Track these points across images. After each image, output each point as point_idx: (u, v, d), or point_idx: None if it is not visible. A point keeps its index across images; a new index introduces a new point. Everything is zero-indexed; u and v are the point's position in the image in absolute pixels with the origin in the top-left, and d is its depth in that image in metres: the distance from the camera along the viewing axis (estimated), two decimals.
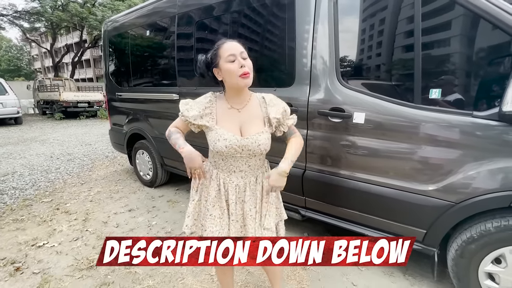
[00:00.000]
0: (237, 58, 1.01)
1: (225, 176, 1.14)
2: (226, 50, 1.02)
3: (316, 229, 2.32)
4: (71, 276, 1.81)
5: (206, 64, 1.08)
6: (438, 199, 1.40)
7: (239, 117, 1.10)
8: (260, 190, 1.17)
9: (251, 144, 1.07)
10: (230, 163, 1.11)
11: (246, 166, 1.12)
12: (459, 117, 1.31)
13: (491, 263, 1.33)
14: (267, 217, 1.18)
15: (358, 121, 1.58)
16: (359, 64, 1.72)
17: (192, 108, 1.11)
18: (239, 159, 1.10)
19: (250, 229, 1.12)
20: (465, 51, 1.36)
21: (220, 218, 1.14)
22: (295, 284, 1.70)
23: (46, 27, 16.14)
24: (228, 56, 1.01)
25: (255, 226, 1.14)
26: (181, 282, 1.73)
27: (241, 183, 1.13)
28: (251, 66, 1.05)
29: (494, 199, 1.25)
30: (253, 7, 2.03)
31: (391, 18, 1.53)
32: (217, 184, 1.14)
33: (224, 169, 1.13)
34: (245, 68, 1.01)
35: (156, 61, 3.01)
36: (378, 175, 1.58)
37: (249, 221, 1.13)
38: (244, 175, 1.14)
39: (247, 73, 1.02)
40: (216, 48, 1.05)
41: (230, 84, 1.07)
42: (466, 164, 1.32)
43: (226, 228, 1.13)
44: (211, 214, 1.14)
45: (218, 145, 1.06)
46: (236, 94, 1.10)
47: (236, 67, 1.01)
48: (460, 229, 1.41)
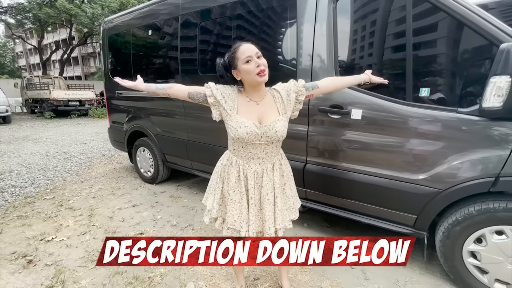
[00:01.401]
0: (253, 59, 1.12)
1: (244, 163, 1.24)
2: (242, 52, 1.13)
3: (316, 219, 2.47)
4: (84, 267, 1.88)
5: (224, 67, 1.19)
6: (427, 186, 1.56)
7: (257, 109, 1.21)
8: (277, 176, 1.28)
9: (269, 131, 1.17)
10: (249, 150, 1.22)
11: (264, 153, 1.23)
12: (446, 113, 1.47)
13: (473, 242, 1.50)
14: (287, 212, 1.31)
15: (356, 117, 1.72)
16: (356, 63, 1.86)
17: (219, 88, 1.21)
18: (258, 146, 1.20)
19: (266, 212, 1.24)
20: (451, 54, 1.52)
21: (239, 203, 1.25)
22: (299, 268, 1.83)
23: (33, 23, 15.70)
24: (245, 58, 1.12)
25: (272, 210, 1.26)
26: (191, 269, 1.84)
27: (259, 169, 1.24)
28: (266, 63, 1.16)
29: (475, 185, 1.41)
30: (256, 9, 2.15)
31: (384, 21, 1.68)
32: (237, 170, 1.25)
33: (243, 156, 1.24)
34: (261, 67, 1.12)
35: (159, 61, 3.08)
36: (374, 167, 1.73)
37: (266, 205, 1.24)
38: (262, 161, 1.24)
39: (263, 70, 1.13)
40: (233, 51, 1.16)
41: (249, 82, 1.18)
42: (451, 155, 1.48)
43: (245, 211, 1.25)
44: (232, 198, 1.26)
45: (240, 131, 1.15)
46: (254, 90, 1.21)
47: (253, 67, 1.12)
48: (447, 214, 1.58)
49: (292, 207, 1.37)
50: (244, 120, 1.17)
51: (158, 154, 3.24)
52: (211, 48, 2.52)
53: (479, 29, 1.34)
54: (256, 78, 1.13)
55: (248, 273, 1.79)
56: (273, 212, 1.26)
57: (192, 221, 2.50)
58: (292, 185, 1.40)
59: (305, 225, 2.40)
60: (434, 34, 1.54)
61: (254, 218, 1.25)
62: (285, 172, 1.34)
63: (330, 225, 2.40)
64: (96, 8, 12.89)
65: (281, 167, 1.32)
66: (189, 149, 2.81)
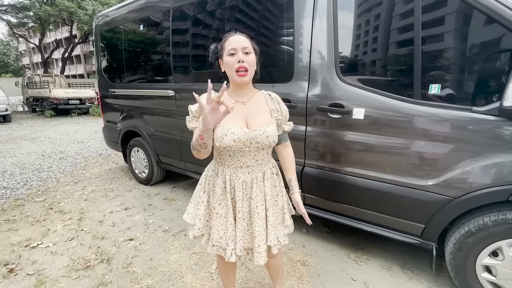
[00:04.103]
0: (237, 53, 0.99)
1: (231, 172, 1.09)
2: (229, 43, 1.01)
3: (315, 225, 2.32)
4: (67, 277, 1.77)
5: (214, 54, 1.08)
6: (437, 194, 1.41)
7: (245, 110, 1.07)
8: (269, 186, 1.13)
9: (260, 136, 1.03)
10: (237, 158, 1.07)
11: (254, 161, 1.08)
12: (459, 112, 1.32)
13: (488, 256, 1.36)
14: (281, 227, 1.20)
15: (358, 116, 1.58)
16: (358, 59, 1.70)
17: (192, 113, 1.08)
18: (247, 153, 1.06)
19: (256, 226, 1.09)
20: (464, 46, 1.35)
21: (225, 217, 1.10)
22: (295, 280, 1.70)
23: (34, 22, 15.64)
24: (229, 49, 1.00)
25: (263, 225, 1.10)
26: (180, 280, 1.72)
27: (248, 179, 1.09)
28: (252, 62, 1.01)
29: (492, 193, 1.26)
30: (251, 1, 2.00)
31: (391, 13, 1.52)
32: (223, 181, 1.10)
33: (230, 165, 1.09)
34: (241, 63, 0.99)
35: (150, 57, 2.94)
36: (378, 171, 1.59)
37: (255, 219, 1.09)
38: (251, 170, 1.09)
39: (243, 67, 0.99)
40: (224, 40, 1.04)
41: (229, 77, 1.05)
42: (464, 159, 1.33)
43: (231, 227, 1.10)
44: (217, 212, 1.11)
45: (226, 140, 1.01)
46: (237, 88, 1.07)
47: (234, 61, 0.99)
48: (458, 223, 1.43)
49: (285, 223, 1.23)
50: (230, 127, 1.02)
51: (152, 155, 3.12)
52: (203, 42, 2.37)
53: (498, 16, 1.18)
54: (233, 75, 1.01)
55: (241, 285, 1.67)
56: (265, 227, 1.11)
57: (185, 226, 2.38)
58: (285, 196, 1.25)
59: (303, 231, 2.27)
60: (445, 24, 1.38)
61: (242, 234, 1.10)
62: (277, 182, 1.19)
63: (330, 231, 2.26)
64: (96, 5, 12.78)
65: (273, 177, 1.17)
66: (182, 150, 2.68)
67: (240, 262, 1.88)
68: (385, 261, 1.88)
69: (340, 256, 1.94)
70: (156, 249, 2.05)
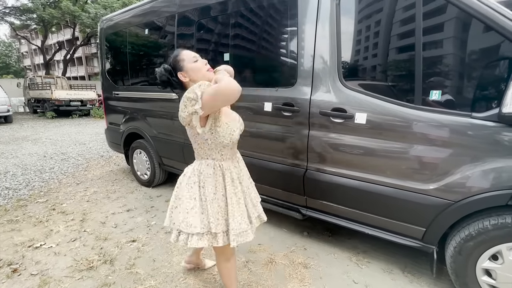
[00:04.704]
0: (199, 59, 1.21)
1: (230, 164, 1.24)
2: (187, 55, 1.20)
3: (317, 228, 2.35)
4: (71, 277, 1.78)
5: (169, 72, 1.21)
6: (438, 197, 1.44)
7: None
8: (245, 169, 1.37)
9: (242, 122, 1.27)
10: (234, 150, 1.26)
11: (235, 149, 1.29)
12: (459, 118, 1.35)
13: (488, 259, 1.38)
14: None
15: (360, 121, 1.61)
16: (360, 65, 1.75)
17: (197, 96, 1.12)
18: (236, 144, 1.25)
19: (255, 200, 1.36)
20: (464, 53, 1.39)
21: (239, 204, 1.23)
22: (297, 282, 1.72)
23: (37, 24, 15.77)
24: (192, 58, 1.20)
25: (256, 197, 1.39)
26: (183, 282, 1.73)
27: (237, 167, 1.29)
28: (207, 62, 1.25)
29: (492, 197, 1.29)
30: (255, 7, 2.04)
31: (392, 20, 1.56)
32: (229, 173, 1.22)
33: (228, 158, 1.23)
34: (208, 65, 1.22)
35: (154, 60, 2.99)
36: (380, 175, 1.61)
37: (250, 196, 1.33)
38: (239, 158, 1.33)
39: (210, 66, 1.23)
40: (176, 55, 1.21)
41: (199, 79, 1.18)
42: (465, 164, 1.36)
43: (245, 211, 1.26)
44: (232, 203, 1.20)
45: (235, 135, 1.19)
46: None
47: (202, 65, 1.20)
48: (458, 227, 1.45)
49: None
50: (234, 123, 1.20)
51: (154, 157, 3.15)
52: (208, 46, 2.42)
53: (497, 26, 1.22)
54: (206, 73, 1.20)
55: (243, 287, 1.68)
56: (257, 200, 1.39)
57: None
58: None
59: (305, 234, 2.28)
60: (445, 32, 1.42)
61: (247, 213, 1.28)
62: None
63: (331, 234, 2.27)
64: (99, 9, 12.91)
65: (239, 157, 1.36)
66: (185, 152, 2.70)
67: (242, 264, 1.89)
68: (386, 264, 1.89)
69: (341, 259, 1.96)
70: (158, 251, 2.07)
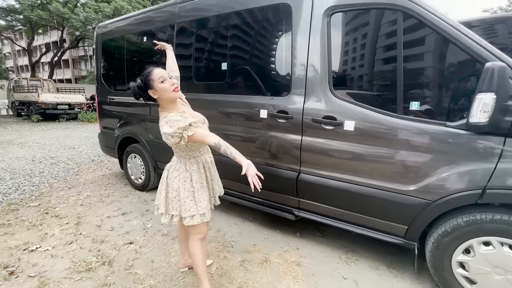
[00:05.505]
0: (166, 79, 1.36)
1: (206, 158, 1.57)
2: (156, 75, 1.36)
3: (308, 229, 2.47)
4: (70, 278, 1.81)
5: (140, 88, 1.39)
6: (418, 198, 1.59)
7: (191, 114, 1.57)
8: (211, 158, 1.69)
9: (207, 122, 1.60)
10: (206, 146, 1.57)
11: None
12: (435, 126, 1.52)
13: (462, 253, 1.54)
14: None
15: (348, 128, 1.76)
16: (348, 76, 1.91)
17: (187, 120, 1.39)
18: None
19: (216, 182, 1.69)
20: (439, 69, 1.57)
21: (204, 188, 1.54)
22: (291, 279, 1.82)
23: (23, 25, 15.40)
24: (159, 79, 1.35)
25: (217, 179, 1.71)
26: (182, 280, 1.80)
27: (211, 157, 1.65)
28: (176, 82, 1.43)
29: (463, 197, 1.45)
30: (252, 20, 2.18)
31: (375, 35, 1.73)
32: (202, 165, 1.55)
33: (205, 152, 1.57)
34: (175, 85, 1.38)
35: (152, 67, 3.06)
36: (366, 177, 1.76)
37: (215, 179, 1.68)
38: (207, 150, 1.63)
39: (177, 87, 1.39)
40: (147, 75, 1.37)
41: (166, 98, 1.39)
42: (440, 167, 1.53)
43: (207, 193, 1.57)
44: (203, 187, 1.53)
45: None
46: (172, 103, 1.44)
47: (168, 85, 1.36)
48: (436, 224, 1.61)
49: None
50: (205, 127, 1.51)
51: (149, 161, 3.19)
52: (206, 56, 2.53)
53: (465, 47, 1.41)
54: (172, 93, 1.38)
55: (240, 284, 1.77)
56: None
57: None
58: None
59: (297, 235, 2.40)
60: (422, 48, 1.60)
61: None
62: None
63: (322, 235, 2.40)
64: (90, 12, 12.80)
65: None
66: None
67: (238, 263, 1.98)
68: (373, 261, 2.03)
69: (332, 257, 2.08)
70: (156, 252, 2.12)
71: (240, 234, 2.41)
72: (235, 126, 2.28)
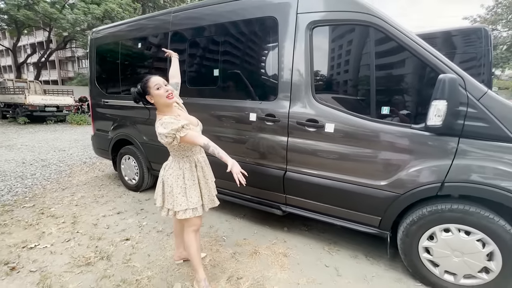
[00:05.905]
0: (162, 86, 1.52)
1: (198, 157, 1.70)
2: (152, 82, 1.52)
3: (295, 224, 2.65)
4: (70, 272, 1.92)
5: (139, 94, 1.56)
6: (389, 191, 1.80)
7: (186, 117, 1.71)
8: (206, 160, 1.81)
9: (201, 125, 1.74)
10: (198, 147, 1.69)
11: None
12: (402, 128, 1.74)
13: (426, 239, 1.75)
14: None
15: (329, 130, 1.96)
16: (329, 83, 2.11)
17: (180, 122, 1.52)
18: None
19: (211, 183, 1.79)
20: (406, 77, 1.80)
21: (196, 185, 1.69)
22: (278, 268, 1.99)
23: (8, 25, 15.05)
24: (155, 86, 1.52)
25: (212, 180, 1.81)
26: (178, 271, 1.94)
27: (204, 156, 1.77)
28: (172, 88, 1.57)
29: (426, 190, 1.67)
30: (242, 31, 2.36)
31: (352, 49, 1.95)
32: (195, 164, 1.68)
33: (197, 152, 1.70)
34: (169, 91, 1.53)
35: (147, 72, 3.19)
36: (346, 174, 1.96)
37: (209, 179, 1.78)
38: (201, 151, 1.76)
39: (171, 93, 1.54)
40: (145, 82, 1.54)
41: (162, 103, 1.55)
42: (407, 164, 1.74)
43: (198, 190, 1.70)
44: (195, 184, 1.67)
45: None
46: (168, 107, 1.60)
47: (163, 92, 1.52)
48: (406, 215, 1.82)
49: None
50: (193, 128, 1.59)
51: (143, 162, 3.31)
52: (198, 62, 2.69)
53: (424, 59, 1.64)
54: (166, 100, 1.54)
55: (232, 274, 1.93)
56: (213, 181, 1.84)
57: None
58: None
59: (285, 229, 2.58)
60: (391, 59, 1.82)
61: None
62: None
63: (308, 229, 2.59)
64: (79, 14, 12.67)
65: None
66: None
67: (230, 255, 2.14)
68: (353, 251, 2.23)
69: (316, 248, 2.27)
70: (152, 247, 2.25)
71: (231, 229, 2.57)
72: (227, 129, 2.45)
